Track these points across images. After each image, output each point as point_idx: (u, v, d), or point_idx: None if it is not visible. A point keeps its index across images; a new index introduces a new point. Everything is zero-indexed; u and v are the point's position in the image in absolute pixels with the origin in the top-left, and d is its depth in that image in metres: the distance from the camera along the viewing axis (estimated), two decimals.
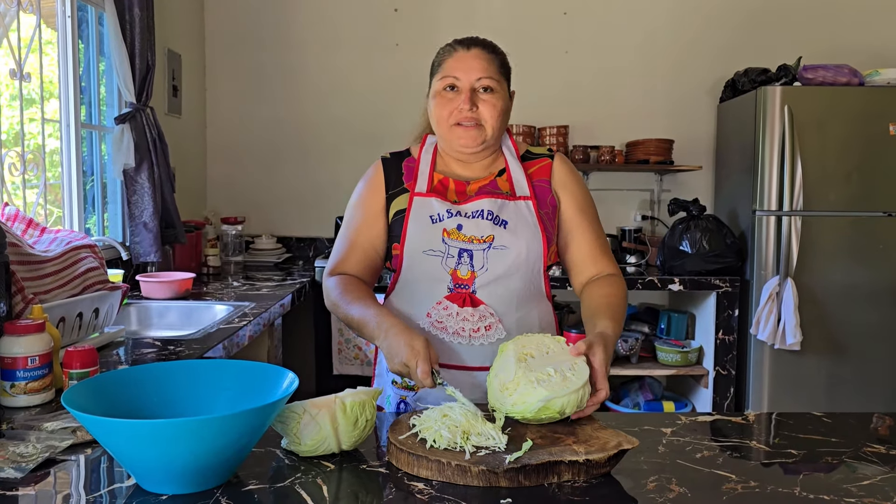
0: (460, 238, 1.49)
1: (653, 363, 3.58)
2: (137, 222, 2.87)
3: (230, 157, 3.97)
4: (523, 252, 1.49)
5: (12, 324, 1.44)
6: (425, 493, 1.02)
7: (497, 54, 1.55)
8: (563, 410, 1.19)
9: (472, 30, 1.91)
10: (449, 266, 1.49)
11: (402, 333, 1.34)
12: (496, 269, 1.49)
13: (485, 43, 1.55)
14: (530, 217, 1.52)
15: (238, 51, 3.92)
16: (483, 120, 1.51)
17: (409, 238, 1.52)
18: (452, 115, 1.51)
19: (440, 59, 1.55)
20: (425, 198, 1.54)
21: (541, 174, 1.59)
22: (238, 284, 3.10)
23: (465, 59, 1.51)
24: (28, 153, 2.45)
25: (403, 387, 1.56)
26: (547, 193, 1.57)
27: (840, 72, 3.36)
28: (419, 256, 1.51)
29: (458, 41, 1.54)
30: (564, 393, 1.18)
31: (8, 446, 1.16)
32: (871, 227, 3.36)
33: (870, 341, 3.39)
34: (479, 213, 1.51)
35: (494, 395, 1.23)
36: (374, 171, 1.62)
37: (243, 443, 1.02)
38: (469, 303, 1.49)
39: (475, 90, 1.50)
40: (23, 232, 1.97)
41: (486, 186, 1.56)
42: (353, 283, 1.54)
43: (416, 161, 1.60)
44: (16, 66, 2.38)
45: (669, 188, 3.97)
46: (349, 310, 1.47)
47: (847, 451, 1.21)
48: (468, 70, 1.50)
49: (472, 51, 1.51)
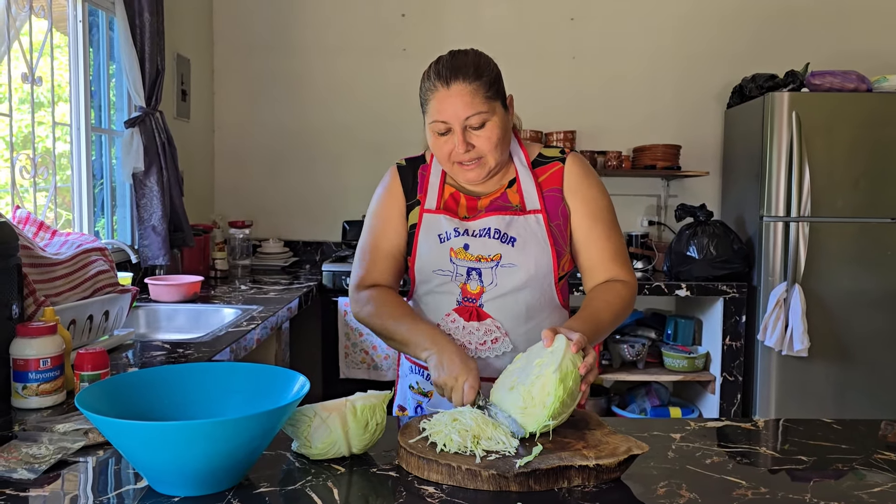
0: (467, 257, 1.50)
1: (659, 369, 3.57)
2: (146, 226, 2.89)
3: (238, 161, 3.99)
4: (532, 269, 1.48)
5: (24, 326, 1.44)
6: (436, 497, 1.03)
7: (480, 77, 1.43)
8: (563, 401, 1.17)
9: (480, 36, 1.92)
10: (459, 281, 1.50)
11: (458, 352, 1.37)
12: (505, 286, 1.49)
13: (465, 72, 1.43)
14: (539, 232, 1.51)
15: (246, 56, 3.94)
16: (482, 154, 1.47)
17: (419, 256, 1.54)
18: (452, 156, 1.48)
19: (425, 97, 1.47)
20: (434, 214, 1.54)
21: (552, 182, 1.55)
22: (245, 288, 3.11)
23: (447, 100, 1.43)
24: (38, 157, 2.46)
25: (419, 392, 1.58)
26: (558, 203, 1.54)
27: (848, 78, 3.36)
28: (430, 274, 1.53)
29: (438, 75, 1.44)
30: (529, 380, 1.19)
31: (21, 447, 1.17)
32: (879, 233, 3.36)
33: (878, 348, 3.38)
34: (486, 231, 1.50)
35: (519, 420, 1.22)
36: (391, 178, 1.62)
37: (255, 445, 1.02)
38: (475, 317, 1.49)
39: (466, 129, 1.44)
40: (34, 234, 1.99)
41: (496, 201, 1.54)
42: (389, 297, 1.54)
43: (428, 169, 1.60)
44: (27, 69, 2.40)
45: (676, 194, 3.97)
46: (395, 326, 1.48)
47: (857, 458, 1.21)
48: (455, 112, 1.43)
49: (452, 88, 1.42)
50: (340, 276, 3.35)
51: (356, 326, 3.28)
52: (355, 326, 3.29)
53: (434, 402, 1.55)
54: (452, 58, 1.46)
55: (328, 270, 3.37)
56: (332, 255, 3.85)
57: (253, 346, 2.24)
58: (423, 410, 1.57)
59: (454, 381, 1.33)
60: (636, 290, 1.56)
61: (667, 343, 3.69)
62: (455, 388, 1.32)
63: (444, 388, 1.34)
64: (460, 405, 1.30)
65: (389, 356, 3.28)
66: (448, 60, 1.46)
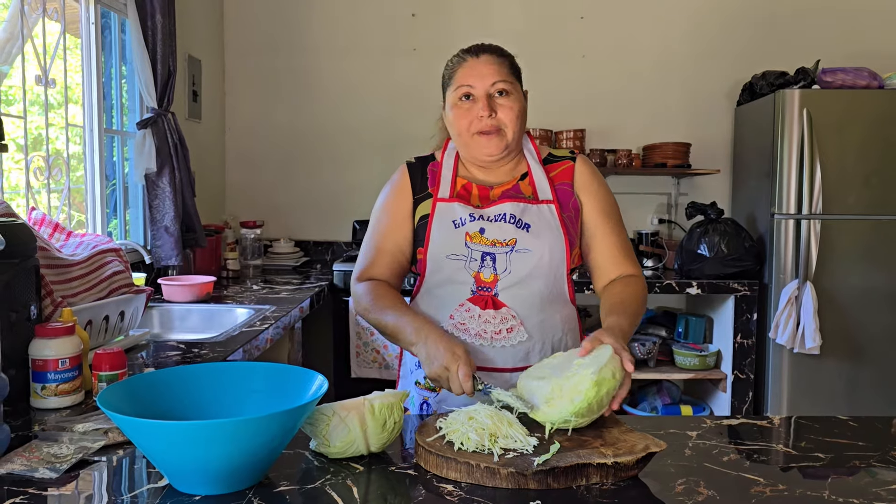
0: (483, 241, 1.50)
1: (670, 367, 3.57)
2: (159, 226, 2.90)
3: (249, 161, 4.00)
4: (546, 255, 1.50)
5: (43, 326, 1.46)
6: (455, 495, 1.03)
7: (506, 57, 1.56)
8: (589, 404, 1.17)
9: (490, 34, 1.92)
10: (472, 269, 1.50)
11: (442, 340, 1.36)
12: (519, 272, 1.49)
13: (492, 48, 1.56)
14: (553, 220, 1.53)
15: (257, 57, 3.95)
16: (503, 125, 1.52)
17: (432, 243, 1.54)
18: (473, 125, 1.52)
19: (451, 71, 1.56)
20: (448, 203, 1.55)
21: (563, 177, 1.59)
22: (258, 288, 3.13)
23: (476, 67, 1.52)
24: (52, 158, 2.48)
25: (426, 387, 1.57)
26: (569, 197, 1.57)
27: (859, 75, 3.35)
28: (442, 261, 1.52)
29: (466, 50, 1.56)
30: (586, 384, 1.17)
31: (42, 447, 1.18)
32: (891, 230, 3.34)
33: (890, 345, 3.37)
34: (502, 216, 1.52)
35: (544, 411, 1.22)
36: (400, 175, 1.64)
37: (276, 444, 1.03)
38: (491, 305, 1.50)
39: (491, 96, 1.51)
40: (49, 236, 2.00)
41: (508, 191, 1.57)
42: (383, 289, 1.56)
43: (439, 166, 1.62)
44: (41, 71, 2.42)
45: (687, 192, 3.96)
46: (383, 317, 1.49)
47: (875, 455, 1.21)
48: (481, 76, 1.51)
49: (481, 57, 1.53)
50: (351, 275, 3.35)
51: (367, 326, 3.29)
52: (366, 326, 3.29)
53: (442, 396, 1.54)
54: (478, 43, 1.58)
55: (339, 270, 3.38)
56: (342, 255, 3.86)
57: (266, 346, 2.25)
58: (430, 407, 1.57)
59: (445, 371, 1.33)
60: (646, 284, 1.60)
61: (678, 341, 3.69)
62: (450, 378, 1.32)
63: (441, 381, 1.35)
64: (461, 394, 1.31)
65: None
66: (475, 44, 1.57)
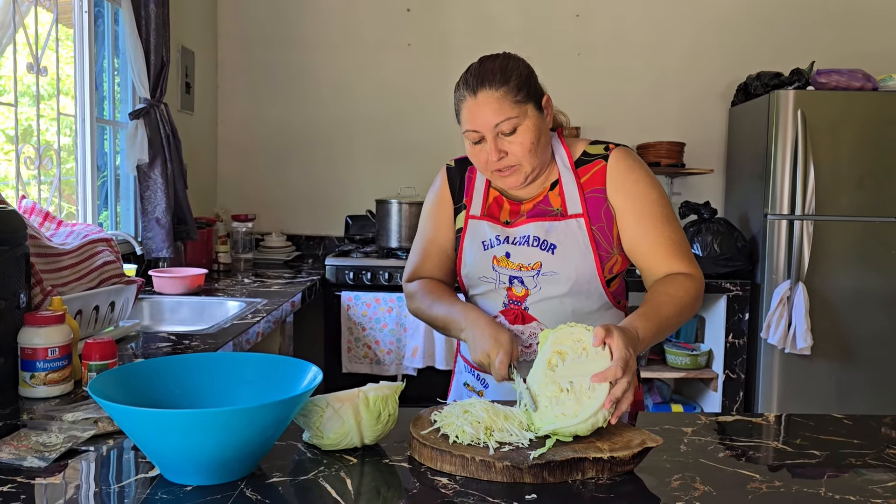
0: (509, 266, 1.50)
1: (662, 366, 3.57)
2: (150, 218, 2.88)
3: (241, 154, 3.98)
4: (573, 276, 1.46)
5: (32, 315, 1.44)
6: (449, 489, 1.02)
7: (508, 82, 1.41)
8: (576, 434, 1.13)
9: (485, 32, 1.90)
10: (503, 286, 1.52)
11: (489, 326, 1.39)
12: (548, 291, 1.48)
13: (490, 78, 1.41)
14: (581, 237, 1.47)
15: (250, 49, 3.92)
16: (517, 161, 1.44)
17: (464, 263, 1.57)
18: (489, 164, 1.46)
19: (457, 107, 1.47)
20: (479, 221, 1.56)
21: (594, 182, 1.50)
22: (249, 281, 3.11)
23: (477, 109, 1.41)
24: (42, 148, 2.45)
25: (472, 390, 1.60)
26: (601, 204, 1.49)
27: (853, 76, 3.36)
28: (475, 279, 1.55)
29: (465, 84, 1.44)
30: (573, 423, 1.12)
31: (30, 436, 1.16)
32: (884, 232, 3.35)
33: (881, 346, 3.38)
34: (526, 239, 1.49)
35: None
36: (441, 181, 1.64)
37: (268, 435, 1.02)
38: (520, 320, 1.50)
39: (498, 135, 1.42)
40: (40, 224, 1.98)
41: (538, 205, 1.52)
42: (433, 284, 1.59)
43: (475, 172, 1.60)
44: (33, 60, 2.39)
45: (680, 191, 3.96)
46: (433, 309, 1.51)
47: (870, 454, 1.20)
48: (484, 119, 1.41)
49: (479, 97, 1.41)
50: (343, 270, 3.35)
51: (359, 321, 3.28)
52: (358, 321, 3.28)
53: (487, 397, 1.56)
54: (480, 65, 1.45)
55: (331, 265, 3.37)
56: (334, 250, 3.84)
57: (257, 340, 2.23)
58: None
59: (487, 358, 1.35)
60: (702, 283, 1.46)
61: (669, 340, 3.69)
62: (491, 365, 1.34)
63: (484, 367, 1.37)
64: (501, 381, 1.33)
65: (392, 351, 3.27)
66: (476, 68, 1.45)
